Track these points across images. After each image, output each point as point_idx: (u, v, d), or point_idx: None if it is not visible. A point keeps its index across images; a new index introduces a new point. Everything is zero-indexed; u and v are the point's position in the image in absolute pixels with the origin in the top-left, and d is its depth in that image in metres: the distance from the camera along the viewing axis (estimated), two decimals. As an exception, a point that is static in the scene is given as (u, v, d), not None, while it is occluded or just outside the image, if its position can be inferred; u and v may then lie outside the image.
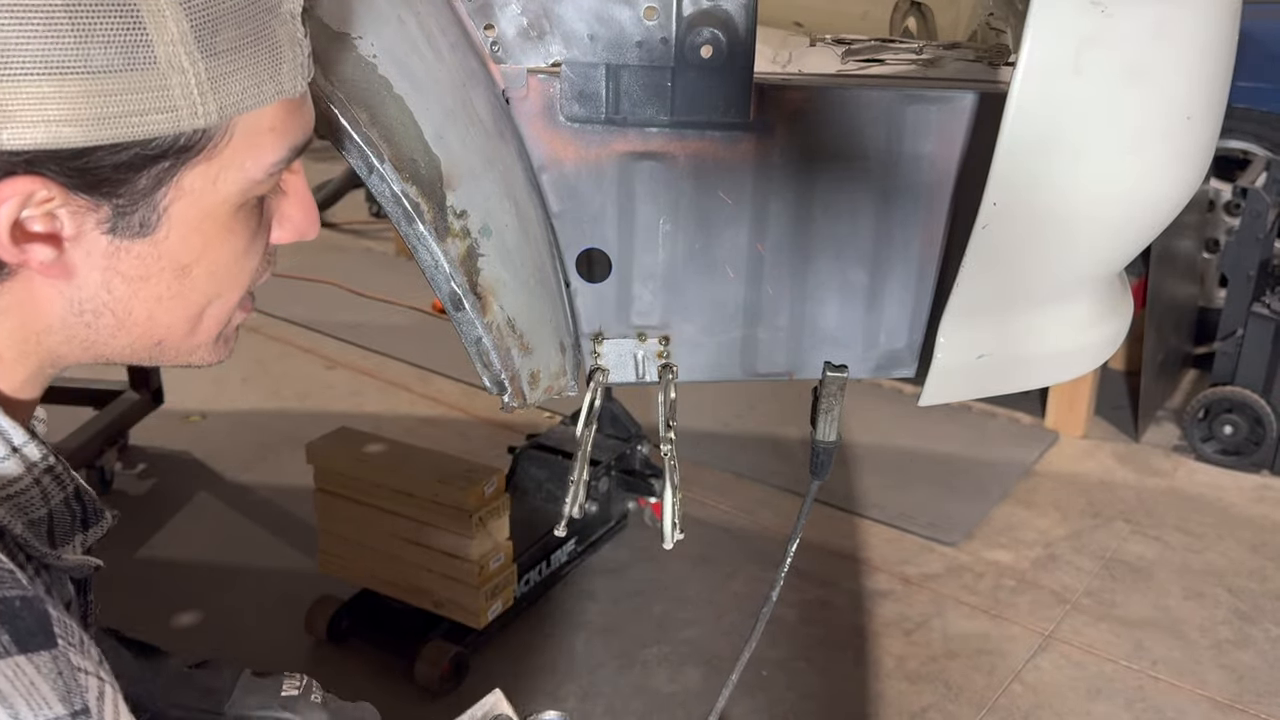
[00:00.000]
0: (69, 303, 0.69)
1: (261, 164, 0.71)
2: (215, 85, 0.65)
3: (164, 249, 0.70)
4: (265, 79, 0.68)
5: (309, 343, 4.02)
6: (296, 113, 0.73)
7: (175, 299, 0.72)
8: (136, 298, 0.71)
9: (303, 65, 0.72)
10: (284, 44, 0.70)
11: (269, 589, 2.59)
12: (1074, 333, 1.34)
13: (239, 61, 0.66)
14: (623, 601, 2.59)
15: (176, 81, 0.63)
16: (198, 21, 0.63)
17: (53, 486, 0.72)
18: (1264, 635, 2.51)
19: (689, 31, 1.08)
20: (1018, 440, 3.38)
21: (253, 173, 0.71)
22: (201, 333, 0.77)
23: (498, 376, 1.13)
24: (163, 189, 0.67)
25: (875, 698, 2.30)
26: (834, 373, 1.22)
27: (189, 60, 0.63)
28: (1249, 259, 3.15)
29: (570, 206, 1.15)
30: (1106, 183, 1.17)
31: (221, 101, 0.66)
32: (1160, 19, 1.11)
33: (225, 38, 0.65)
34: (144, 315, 0.72)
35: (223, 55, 0.65)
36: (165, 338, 0.75)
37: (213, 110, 0.66)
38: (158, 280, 0.71)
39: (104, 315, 0.71)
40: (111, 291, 0.70)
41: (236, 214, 0.72)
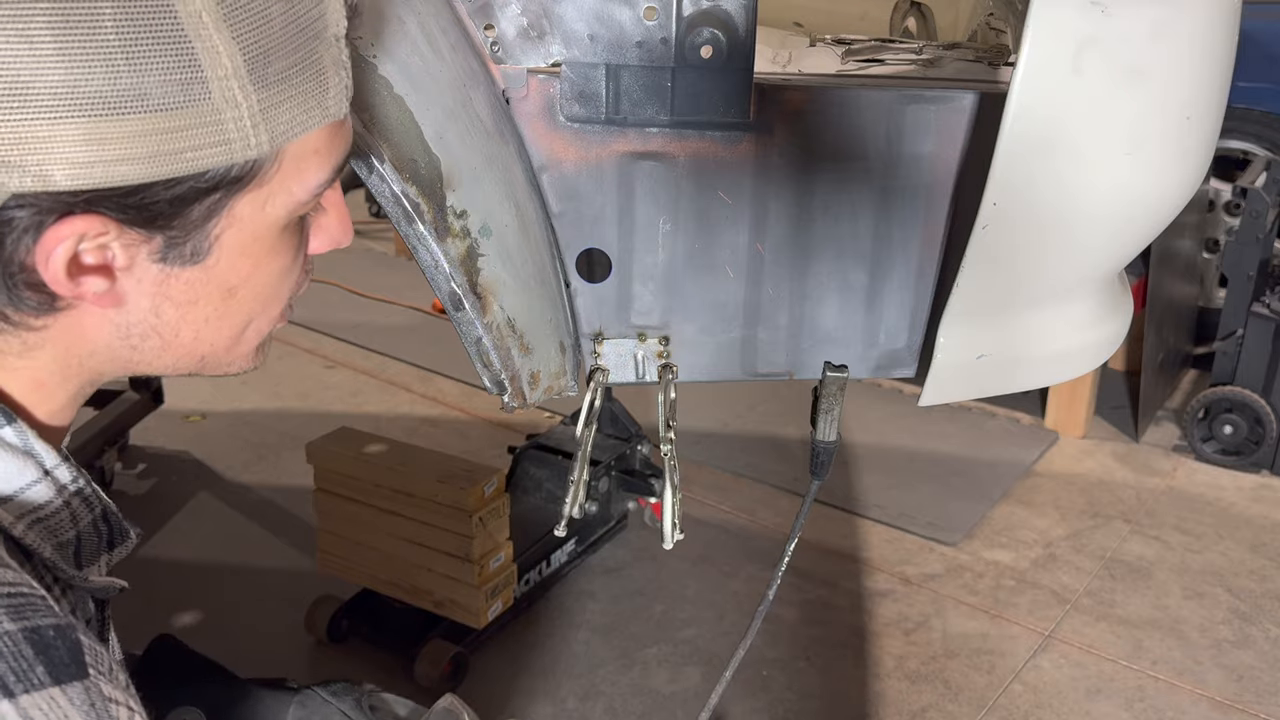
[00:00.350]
0: (116, 328, 0.70)
1: (307, 186, 0.71)
2: (267, 116, 0.66)
3: (213, 274, 0.70)
4: (313, 105, 0.69)
5: (309, 343, 4.02)
6: (340, 132, 0.73)
7: (221, 319, 0.73)
8: (184, 320, 0.72)
9: (347, 86, 0.73)
10: (329, 68, 0.70)
11: (269, 589, 2.59)
12: (1074, 333, 1.34)
13: (288, 90, 0.67)
14: (623, 601, 2.59)
15: (230, 115, 0.64)
16: (250, 54, 0.64)
17: (82, 509, 0.71)
18: (1264, 635, 2.51)
19: (689, 31, 1.08)
20: (1018, 440, 3.38)
21: (299, 195, 0.71)
22: (243, 345, 0.78)
23: (498, 376, 1.13)
24: (215, 219, 0.68)
25: (875, 697, 2.30)
26: (834, 373, 1.22)
27: (242, 94, 0.64)
28: (1249, 259, 3.15)
29: (570, 206, 1.15)
30: (1106, 183, 1.17)
31: (273, 131, 0.66)
32: (1160, 19, 1.11)
33: (276, 68, 0.65)
34: (190, 336, 0.73)
35: (274, 85, 0.65)
36: (208, 353, 0.76)
37: (264, 141, 0.66)
38: (206, 303, 0.72)
39: (150, 338, 0.71)
40: (160, 316, 0.70)
41: (282, 235, 0.73)
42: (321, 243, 0.80)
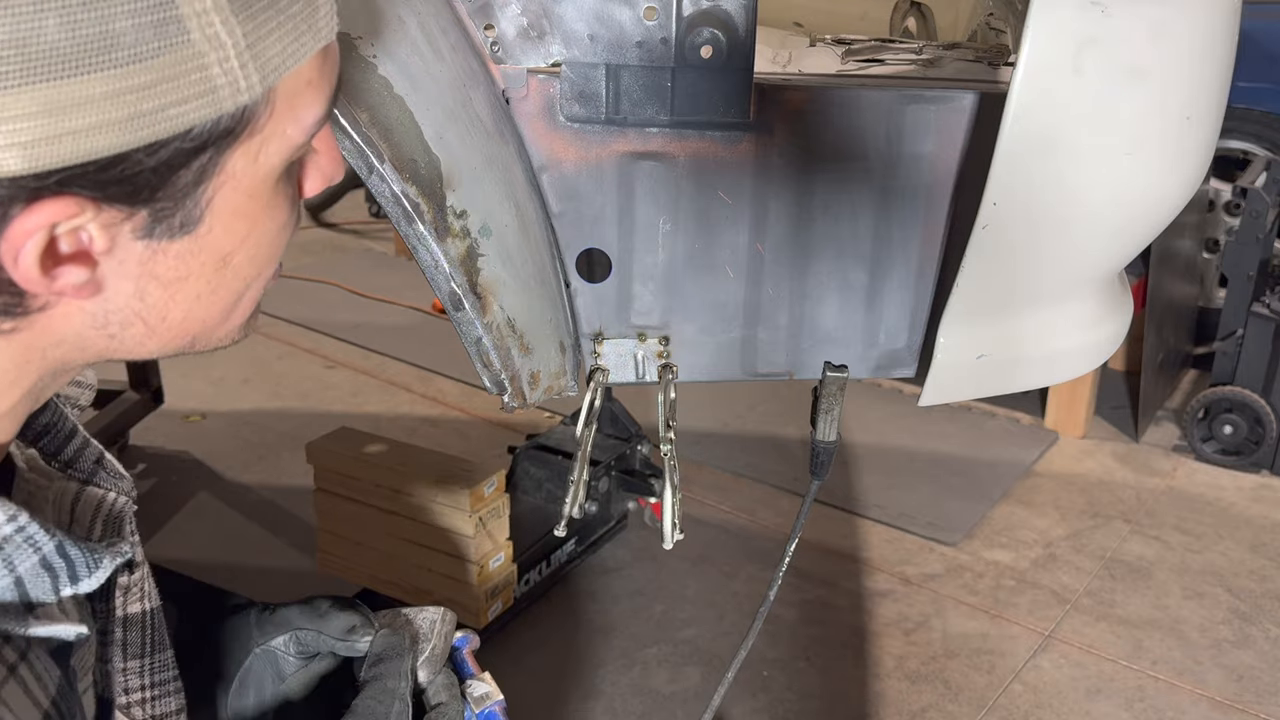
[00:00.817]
0: (91, 317, 0.59)
1: (303, 125, 0.61)
2: (255, 51, 0.55)
3: (205, 243, 0.60)
4: (304, 29, 0.58)
5: (309, 343, 4.02)
6: (330, 56, 0.62)
7: (214, 293, 0.63)
8: (172, 301, 0.61)
9: (334, 7, 0.62)
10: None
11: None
12: (1074, 333, 1.34)
13: (276, 16, 0.56)
14: (623, 601, 2.59)
15: (214, 57, 0.53)
16: None
17: (21, 551, 0.59)
18: (1264, 635, 2.51)
19: (689, 31, 1.08)
20: (1018, 440, 3.38)
21: (295, 137, 0.61)
22: (235, 318, 0.67)
23: (498, 376, 1.13)
24: (205, 181, 0.57)
25: (875, 697, 2.30)
26: (834, 373, 1.22)
27: (225, 29, 0.53)
28: (1249, 259, 3.15)
29: (570, 206, 1.15)
30: (1106, 183, 1.17)
31: (263, 69, 0.56)
32: (1160, 19, 1.11)
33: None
34: (180, 316, 0.63)
35: (259, 14, 0.55)
36: (198, 333, 0.65)
37: (255, 82, 0.56)
38: (197, 278, 0.61)
39: (133, 325, 0.61)
40: (145, 299, 0.60)
41: (277, 186, 0.63)
42: (315, 182, 0.69)
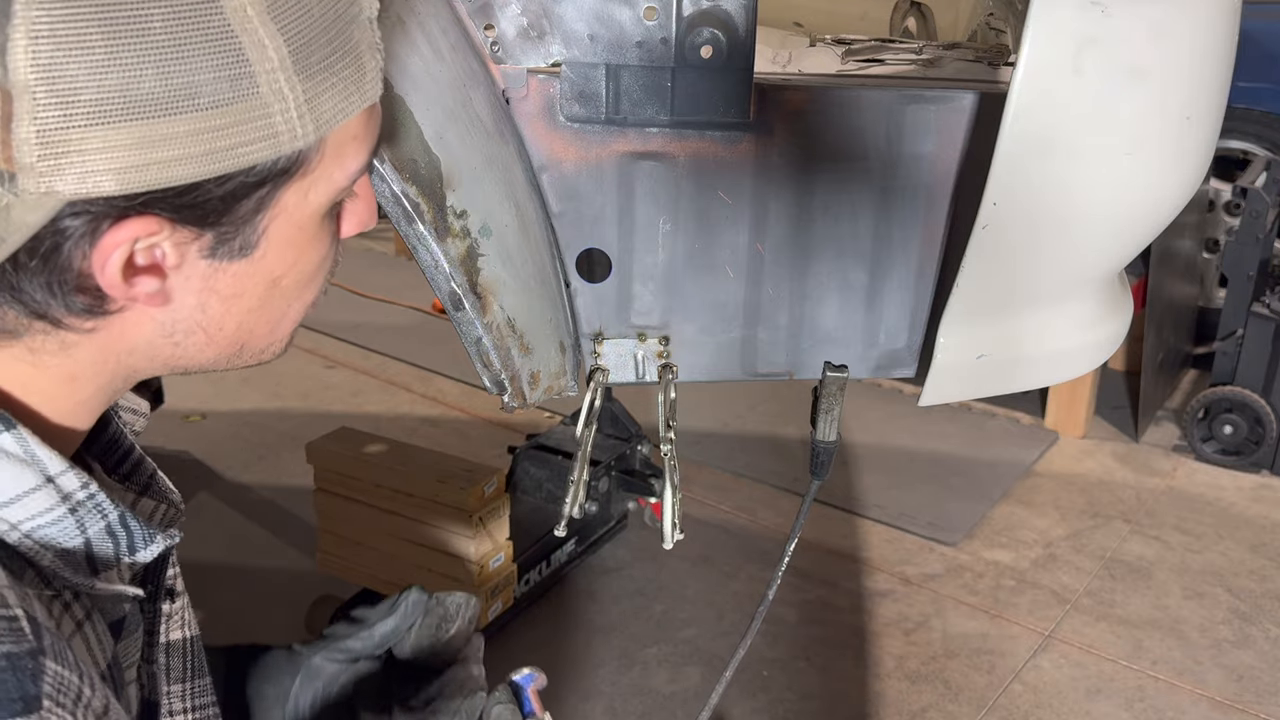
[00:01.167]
0: (159, 325, 0.69)
1: (348, 172, 0.71)
2: (312, 105, 0.65)
3: (260, 266, 0.70)
4: (353, 90, 0.68)
5: (309, 343, 4.02)
6: (374, 115, 0.73)
7: (264, 309, 0.73)
8: (229, 313, 0.71)
9: (380, 68, 0.72)
10: (365, 51, 0.69)
11: (269, 589, 2.59)
12: (1074, 333, 1.34)
13: (330, 78, 0.66)
14: (623, 601, 2.59)
15: (278, 108, 0.63)
16: (294, 45, 0.63)
17: (90, 515, 0.70)
18: (1264, 635, 2.51)
19: (689, 31, 1.08)
20: (1018, 440, 3.38)
21: (340, 181, 0.71)
22: (280, 331, 0.77)
23: (498, 376, 1.13)
24: (262, 212, 0.67)
25: (875, 698, 2.30)
26: (834, 373, 1.22)
27: (288, 85, 0.63)
28: (1249, 259, 3.15)
29: (570, 206, 1.15)
30: (1106, 183, 1.17)
31: (318, 120, 0.66)
32: (1160, 19, 1.11)
33: (318, 56, 0.65)
34: (234, 327, 0.73)
35: (317, 75, 0.65)
36: (247, 342, 0.75)
37: (310, 131, 0.65)
38: (250, 295, 0.71)
39: (195, 334, 0.71)
40: (206, 311, 0.70)
41: (323, 222, 0.73)
42: (351, 226, 0.80)
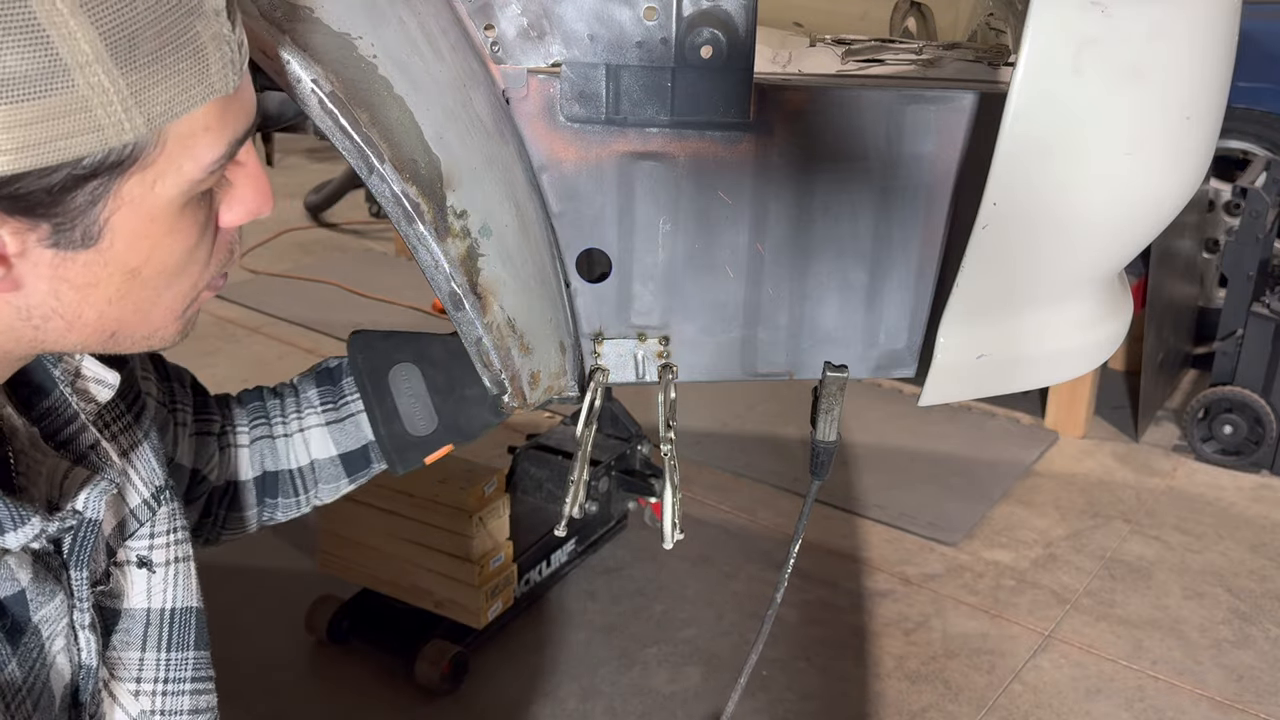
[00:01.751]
0: (16, 310, 0.70)
1: (200, 164, 0.70)
2: (139, 99, 0.64)
3: (110, 256, 0.69)
4: (193, 83, 0.67)
5: (309, 343, 4.02)
6: (232, 107, 0.71)
7: (125, 298, 0.72)
8: (86, 302, 0.71)
9: (233, 61, 0.70)
10: (209, 44, 0.67)
11: (269, 589, 2.60)
12: (1074, 333, 1.34)
13: (162, 71, 0.65)
14: (623, 601, 2.59)
15: (98, 101, 0.62)
16: (113, 38, 0.62)
17: None
18: (1264, 635, 2.52)
19: (689, 31, 1.08)
20: (1018, 440, 3.38)
21: (191, 173, 0.70)
22: (156, 320, 0.76)
23: (498, 376, 1.13)
24: (100, 203, 0.66)
25: (875, 698, 2.30)
26: (834, 373, 1.22)
27: (109, 78, 0.62)
28: (1249, 259, 3.15)
29: (570, 206, 1.15)
30: (1106, 183, 1.17)
31: (149, 114, 0.65)
32: (1160, 19, 1.11)
33: (144, 49, 0.64)
34: (94, 316, 0.72)
35: (144, 67, 0.64)
36: (118, 330, 0.75)
37: (140, 124, 0.64)
38: (107, 284, 0.71)
39: (52, 319, 0.71)
40: (60, 299, 0.70)
41: (181, 212, 0.71)
42: (237, 214, 0.78)
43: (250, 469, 1.18)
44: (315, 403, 1.19)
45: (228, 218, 0.78)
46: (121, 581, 0.91)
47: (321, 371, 1.20)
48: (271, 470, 1.19)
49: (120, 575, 0.91)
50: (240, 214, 0.78)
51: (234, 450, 1.18)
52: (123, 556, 0.92)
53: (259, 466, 1.18)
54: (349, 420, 1.18)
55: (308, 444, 1.19)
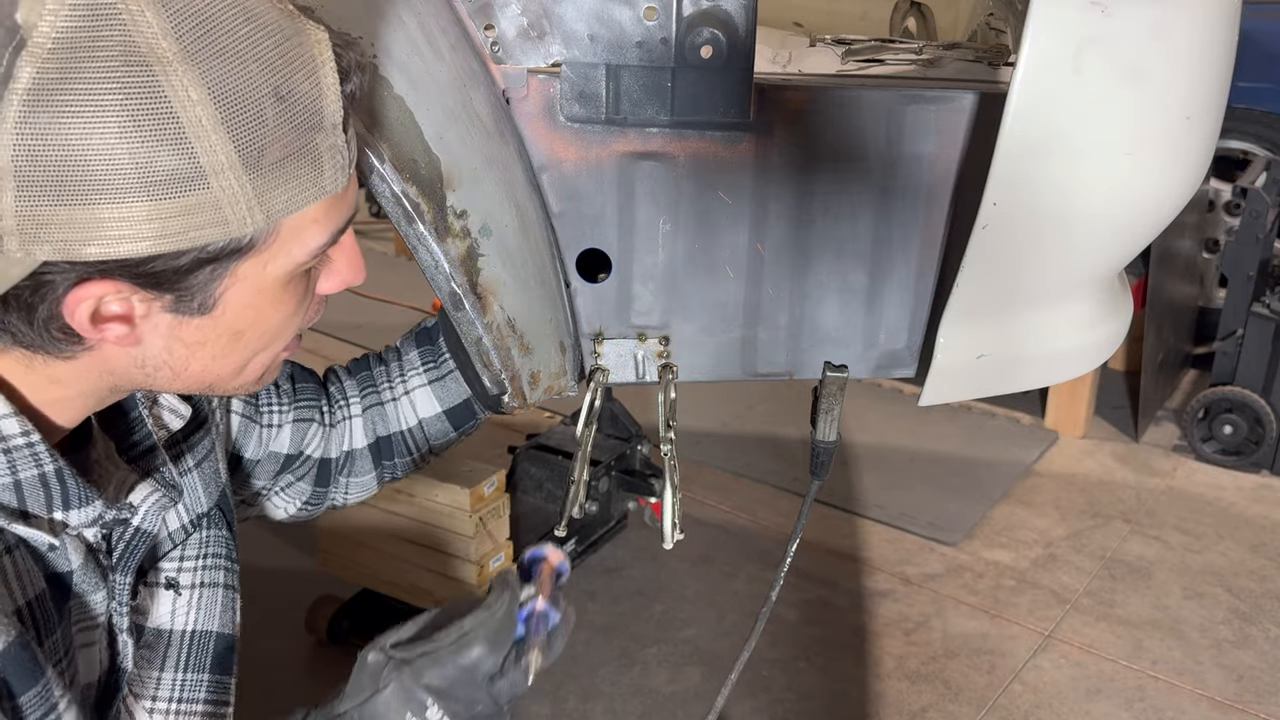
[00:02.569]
0: (133, 359, 0.81)
1: (306, 249, 0.80)
2: (262, 199, 0.74)
3: (220, 322, 0.80)
4: (308, 185, 0.77)
5: (309, 343, 4.00)
6: (339, 202, 0.81)
7: (227, 356, 0.84)
8: (193, 357, 0.82)
9: (343, 166, 0.80)
10: (325, 153, 0.78)
11: (269, 589, 2.59)
12: (1074, 333, 1.34)
13: (283, 177, 0.75)
14: (623, 601, 2.59)
15: (227, 200, 0.73)
16: (245, 150, 0.72)
17: (25, 461, 0.80)
18: (1264, 635, 2.52)
19: (689, 31, 1.08)
20: (1018, 440, 3.38)
21: (298, 257, 0.80)
22: (248, 374, 0.87)
23: (498, 376, 1.13)
24: (218, 281, 0.77)
25: (875, 698, 2.30)
26: (834, 373, 1.22)
27: (238, 183, 0.73)
28: (1249, 259, 3.15)
29: (570, 206, 1.15)
30: (1106, 183, 1.17)
31: (268, 211, 0.75)
32: (1160, 19, 1.11)
33: (270, 159, 0.74)
34: (199, 369, 0.83)
35: (268, 173, 0.74)
36: (215, 381, 0.86)
37: (260, 220, 0.75)
38: (214, 344, 0.82)
39: (163, 370, 0.82)
40: (172, 354, 0.81)
41: (286, 287, 0.82)
42: (333, 284, 0.88)
43: (364, 436, 1.26)
44: (417, 364, 1.24)
45: (324, 287, 0.88)
46: (148, 600, 0.97)
47: (420, 332, 1.26)
48: (384, 435, 1.26)
49: (147, 595, 0.97)
50: (336, 284, 0.89)
51: (347, 423, 1.26)
52: (151, 577, 0.98)
53: (372, 434, 1.26)
54: (449, 377, 1.22)
55: (414, 405, 1.24)
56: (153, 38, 0.69)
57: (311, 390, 1.26)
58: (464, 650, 0.85)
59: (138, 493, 0.90)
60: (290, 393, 1.23)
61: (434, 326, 1.25)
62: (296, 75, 0.75)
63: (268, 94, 0.73)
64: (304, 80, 0.76)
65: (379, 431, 1.25)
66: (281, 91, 0.74)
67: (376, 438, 1.26)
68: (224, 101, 0.71)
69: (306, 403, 1.24)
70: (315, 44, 0.78)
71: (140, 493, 0.90)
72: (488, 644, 0.86)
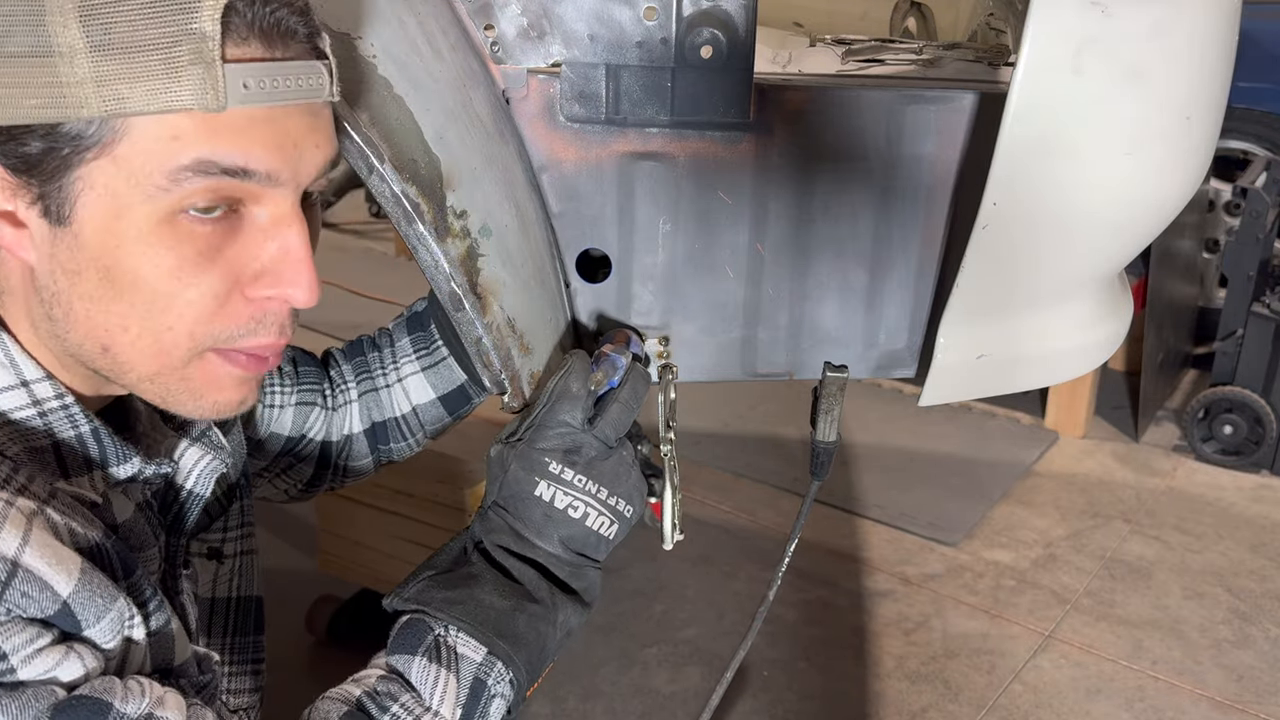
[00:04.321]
0: (38, 291, 0.77)
1: (163, 168, 0.72)
2: (102, 83, 0.69)
3: (83, 242, 0.74)
4: (159, 88, 0.71)
5: (309, 343, 4.01)
6: (219, 132, 0.73)
7: (107, 302, 0.76)
8: (74, 292, 0.76)
9: (212, 87, 0.72)
10: (185, 60, 0.71)
11: (269, 589, 2.59)
12: (1074, 333, 1.34)
13: (129, 67, 0.70)
14: (623, 601, 2.59)
15: (65, 73, 0.69)
16: (89, 24, 0.68)
17: (62, 423, 0.80)
18: (1264, 635, 2.52)
19: (689, 31, 1.08)
20: (1018, 440, 3.38)
21: (155, 177, 0.72)
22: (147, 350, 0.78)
23: (498, 377, 1.13)
24: (69, 175, 0.72)
25: (875, 698, 2.30)
26: (834, 373, 1.22)
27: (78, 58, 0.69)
28: (1249, 259, 3.15)
29: (570, 206, 1.15)
30: (1106, 183, 1.17)
31: (105, 100, 0.70)
32: (1160, 19, 1.11)
33: (120, 42, 0.69)
34: (83, 313, 0.76)
35: (115, 58, 0.69)
36: (109, 345, 0.78)
37: (95, 103, 0.70)
38: (86, 278, 0.75)
39: (55, 307, 0.77)
40: (56, 282, 0.76)
41: (156, 228, 0.74)
42: (263, 285, 0.79)
43: (361, 422, 1.26)
44: (409, 350, 1.25)
45: (254, 286, 0.79)
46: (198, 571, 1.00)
47: (411, 318, 1.26)
48: (379, 420, 1.26)
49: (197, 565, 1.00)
50: (266, 286, 0.79)
51: (346, 408, 1.26)
52: (194, 548, 1.00)
53: (368, 419, 1.26)
54: (442, 364, 1.23)
55: (408, 392, 1.24)
56: None
57: (314, 374, 1.26)
58: (553, 410, 0.98)
59: (181, 451, 0.91)
60: (293, 375, 1.23)
61: (424, 311, 1.26)
62: None
63: None
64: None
65: (374, 417, 1.26)
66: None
67: (372, 423, 1.26)
68: None
69: (309, 386, 1.24)
70: None
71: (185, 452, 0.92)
72: (569, 396, 0.99)
